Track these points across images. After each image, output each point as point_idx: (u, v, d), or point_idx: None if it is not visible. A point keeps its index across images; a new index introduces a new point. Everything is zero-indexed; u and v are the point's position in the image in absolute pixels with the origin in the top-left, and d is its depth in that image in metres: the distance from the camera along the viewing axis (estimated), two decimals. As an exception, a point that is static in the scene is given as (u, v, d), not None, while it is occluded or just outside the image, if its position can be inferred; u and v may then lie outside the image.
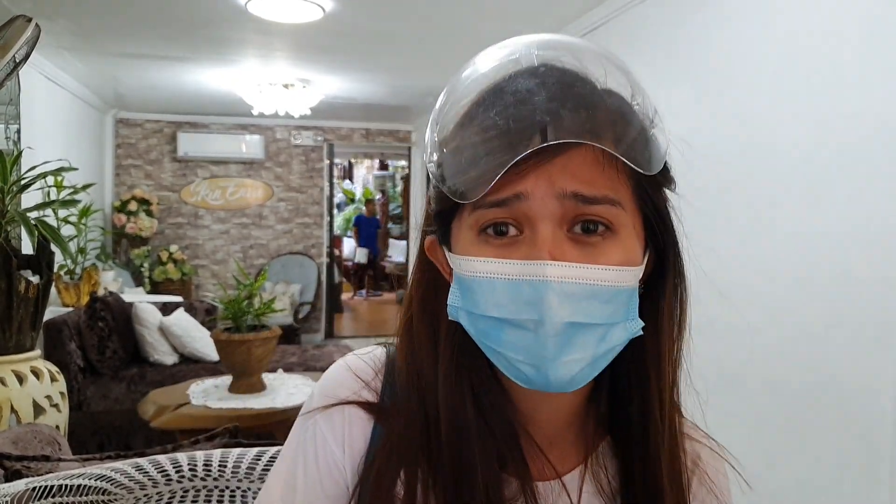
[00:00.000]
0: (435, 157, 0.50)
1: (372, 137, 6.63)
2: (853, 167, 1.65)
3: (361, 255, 10.11)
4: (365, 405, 0.57)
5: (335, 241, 8.23)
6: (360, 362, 0.60)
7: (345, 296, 9.35)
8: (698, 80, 2.25)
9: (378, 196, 11.36)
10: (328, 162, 6.54)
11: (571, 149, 0.47)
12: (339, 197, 10.77)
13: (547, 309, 0.46)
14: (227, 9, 2.96)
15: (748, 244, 1.99)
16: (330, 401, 0.58)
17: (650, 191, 0.51)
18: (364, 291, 10.09)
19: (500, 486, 0.54)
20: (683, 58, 2.33)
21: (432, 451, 0.54)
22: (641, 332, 0.51)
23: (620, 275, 0.48)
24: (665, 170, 0.52)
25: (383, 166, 11.51)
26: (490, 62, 0.50)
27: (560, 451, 0.58)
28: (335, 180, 8.90)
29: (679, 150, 0.57)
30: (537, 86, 0.46)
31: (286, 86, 4.40)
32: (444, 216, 0.53)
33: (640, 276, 0.51)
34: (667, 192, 0.54)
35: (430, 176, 0.52)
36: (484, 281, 0.48)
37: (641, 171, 0.48)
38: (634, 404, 0.56)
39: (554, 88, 0.46)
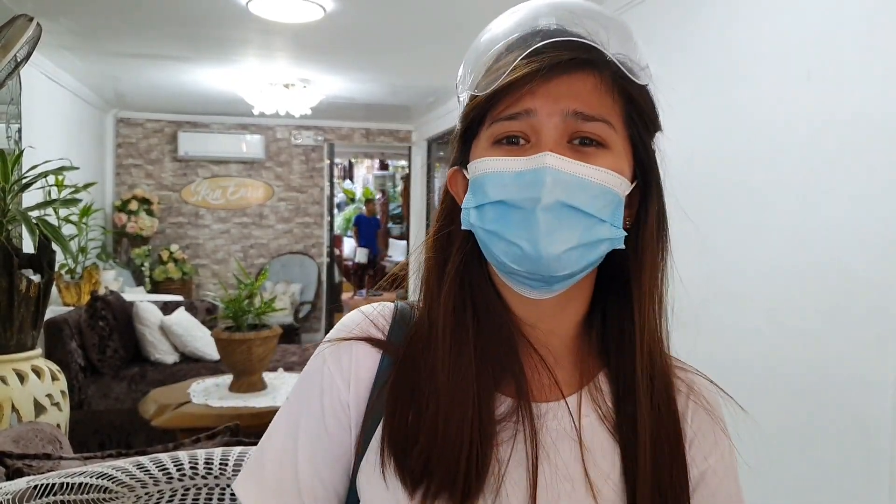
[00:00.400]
0: (468, 82, 0.59)
1: (372, 137, 6.63)
2: (853, 166, 1.65)
3: (361, 255, 10.10)
4: (372, 340, 0.62)
5: (335, 241, 8.23)
6: (370, 308, 0.66)
7: (345, 295, 9.35)
8: (697, 79, 2.25)
9: (378, 196, 11.36)
10: (328, 162, 6.55)
11: (575, 72, 0.55)
12: (339, 197, 10.77)
13: (543, 188, 0.53)
14: (228, 8, 2.96)
15: (748, 243, 1.99)
16: (342, 336, 0.63)
17: (639, 124, 0.59)
18: (364, 291, 10.09)
19: (491, 399, 0.58)
20: (683, 57, 2.34)
21: (435, 362, 0.58)
22: (623, 246, 0.57)
23: (608, 176, 0.55)
24: (654, 110, 0.60)
25: (383, 166, 11.51)
26: (506, 24, 0.59)
27: (560, 374, 0.62)
28: (335, 180, 8.90)
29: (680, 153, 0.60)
30: (551, 25, 0.56)
31: (287, 85, 4.41)
32: (467, 135, 0.61)
33: (627, 190, 0.57)
34: (655, 143, 0.61)
35: (461, 101, 0.61)
36: (494, 175, 0.56)
37: (632, 81, 0.56)
38: (625, 329, 0.61)
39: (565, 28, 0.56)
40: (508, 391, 0.59)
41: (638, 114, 0.58)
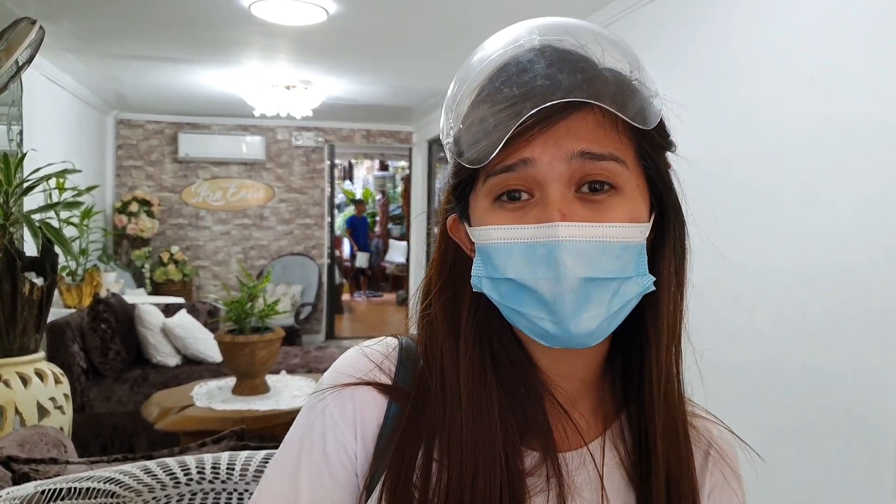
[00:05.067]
0: (451, 136, 0.53)
1: (373, 138, 6.63)
2: (857, 168, 1.65)
3: (362, 260, 10.03)
4: (379, 386, 0.57)
5: (336, 242, 8.23)
6: (371, 349, 0.60)
7: (344, 296, 9.36)
8: (704, 81, 2.25)
9: (378, 196, 11.38)
10: (329, 163, 6.54)
11: (573, 112, 0.49)
12: (339, 198, 10.77)
13: (561, 267, 0.48)
14: (230, 11, 2.96)
15: (752, 245, 1.99)
16: (343, 381, 0.57)
17: (651, 152, 0.54)
18: (361, 292, 10.09)
19: (519, 456, 0.54)
20: (689, 59, 2.34)
21: (452, 426, 0.54)
22: (654, 288, 0.53)
23: (627, 231, 0.50)
24: (665, 133, 0.55)
25: (383, 167, 11.52)
26: (496, 47, 0.53)
27: (581, 421, 0.59)
28: (335, 181, 8.90)
29: (685, 158, 0.58)
30: (537, 57, 0.50)
31: (288, 87, 4.41)
32: (461, 190, 0.56)
33: (647, 233, 0.53)
34: (668, 157, 0.56)
35: (448, 154, 0.55)
36: (501, 246, 0.51)
37: (639, 126, 0.50)
38: (644, 367, 0.57)
39: (553, 58, 0.50)
40: (533, 444, 0.56)
41: (648, 143, 0.53)
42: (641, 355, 0.57)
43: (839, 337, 1.69)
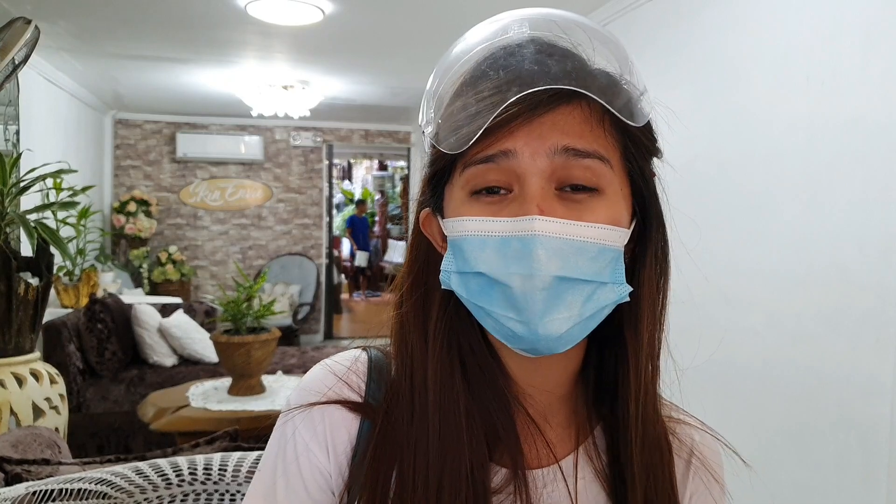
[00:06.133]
0: (432, 124, 0.51)
1: (371, 138, 6.64)
2: (852, 169, 1.65)
3: (362, 259, 10.04)
4: (349, 404, 0.55)
5: (334, 242, 8.22)
6: (339, 365, 0.58)
7: (343, 296, 9.36)
8: (699, 82, 2.25)
9: (377, 196, 11.39)
10: (327, 163, 6.55)
11: (560, 105, 0.48)
12: (338, 197, 10.77)
13: (535, 262, 0.46)
14: (227, 11, 2.96)
15: (747, 246, 1.99)
16: (311, 400, 0.55)
17: (637, 155, 0.52)
18: (360, 292, 10.10)
19: (486, 472, 0.52)
20: (684, 60, 2.34)
21: (420, 432, 0.53)
22: (628, 298, 0.51)
23: (606, 233, 0.48)
24: (652, 137, 0.53)
25: (382, 167, 11.52)
26: (482, 36, 0.52)
27: (554, 435, 0.57)
28: (334, 181, 8.89)
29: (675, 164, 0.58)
30: (524, 46, 0.48)
31: (285, 87, 4.41)
32: (437, 180, 0.54)
33: (626, 239, 0.50)
34: (654, 167, 0.54)
35: (426, 144, 0.53)
36: (475, 239, 0.49)
37: (627, 123, 0.48)
38: (619, 381, 0.55)
39: (542, 46, 0.48)
40: (502, 460, 0.54)
41: (635, 145, 0.51)
42: (620, 364, 0.55)
43: (833, 338, 1.69)
